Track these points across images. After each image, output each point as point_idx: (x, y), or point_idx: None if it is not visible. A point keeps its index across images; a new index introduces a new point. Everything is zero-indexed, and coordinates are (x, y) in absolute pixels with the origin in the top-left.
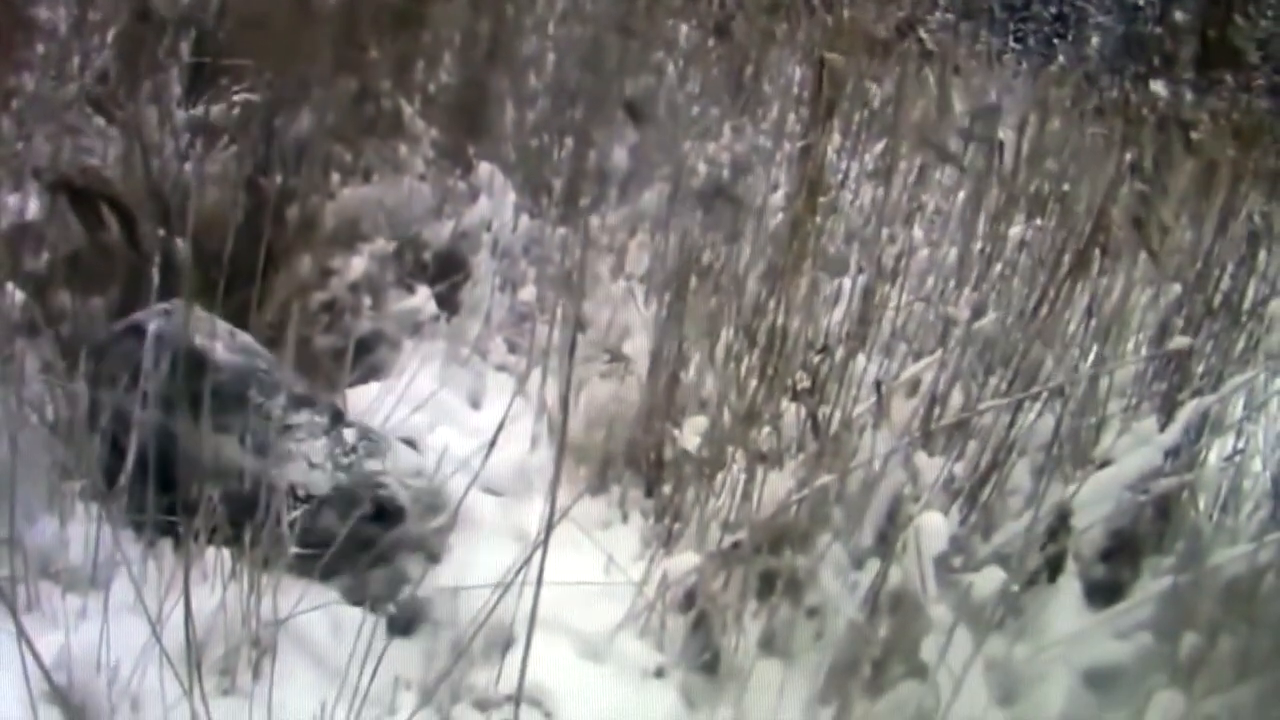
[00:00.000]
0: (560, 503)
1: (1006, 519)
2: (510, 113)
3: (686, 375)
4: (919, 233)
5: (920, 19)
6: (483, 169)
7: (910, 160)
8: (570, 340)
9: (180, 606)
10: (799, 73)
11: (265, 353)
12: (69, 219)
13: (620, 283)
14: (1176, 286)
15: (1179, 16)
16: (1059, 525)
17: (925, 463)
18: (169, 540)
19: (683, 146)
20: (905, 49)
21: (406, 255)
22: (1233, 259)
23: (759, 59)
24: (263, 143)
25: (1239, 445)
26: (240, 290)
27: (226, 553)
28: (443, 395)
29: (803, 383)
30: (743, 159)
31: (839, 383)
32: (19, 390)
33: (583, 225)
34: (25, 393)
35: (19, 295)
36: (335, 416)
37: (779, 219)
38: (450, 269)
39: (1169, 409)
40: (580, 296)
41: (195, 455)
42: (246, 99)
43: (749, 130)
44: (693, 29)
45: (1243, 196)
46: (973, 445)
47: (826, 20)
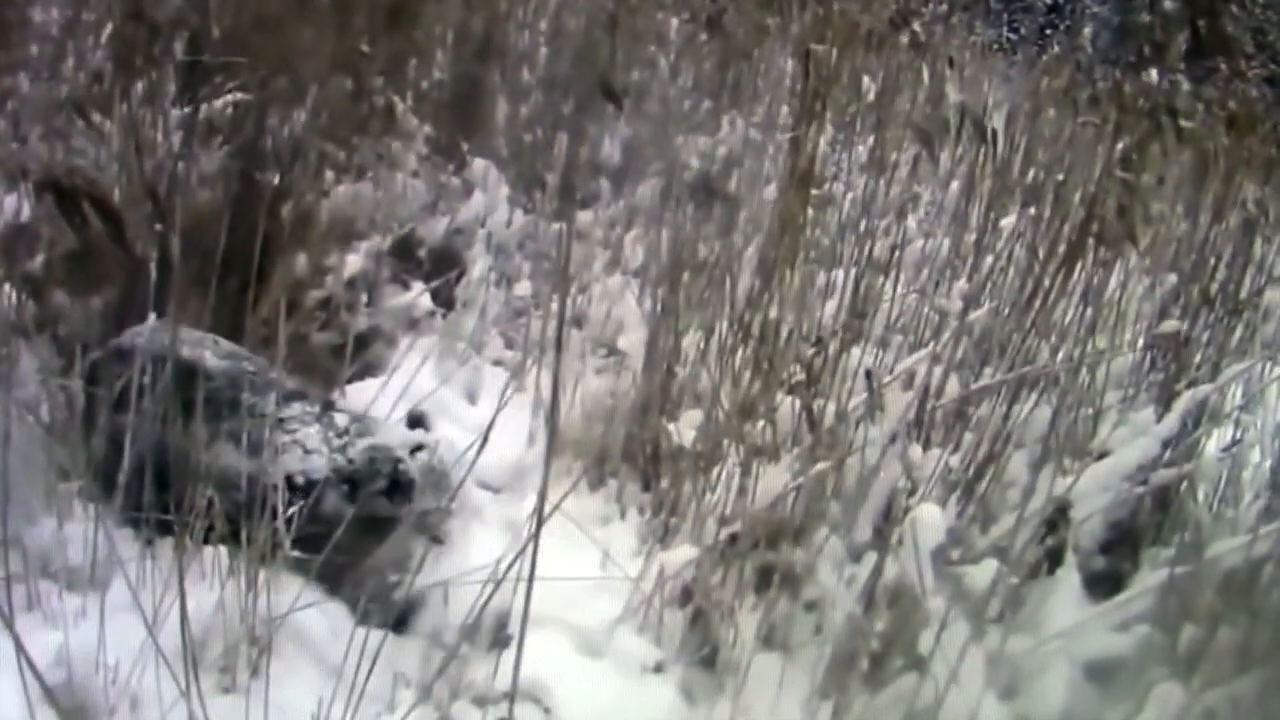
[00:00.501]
0: (555, 498)
1: (1004, 511)
2: (503, 108)
3: (682, 369)
4: (912, 224)
5: (914, 10)
6: (476, 165)
7: (903, 152)
8: (559, 334)
9: (178, 605)
10: (791, 66)
11: (252, 355)
12: (61, 219)
13: (615, 277)
14: (1172, 276)
15: (1172, 6)
16: (1057, 517)
17: (922, 455)
18: (167, 540)
19: (676, 140)
20: (898, 41)
21: (402, 252)
22: (1228, 248)
23: (751, 52)
24: (257, 141)
25: (1237, 435)
26: (235, 289)
27: (224, 550)
28: (439, 391)
29: (797, 376)
30: (735, 152)
31: (833, 375)
32: (16, 391)
33: (571, 219)
34: (22, 393)
35: (16, 296)
36: (326, 405)
37: (772, 212)
38: (445, 265)
39: (1166, 400)
40: (567, 290)
41: (191, 462)
42: (240, 97)
43: (741, 124)
44: (684, 23)
45: (1238, 185)
46: (969, 437)
47: (819, 12)
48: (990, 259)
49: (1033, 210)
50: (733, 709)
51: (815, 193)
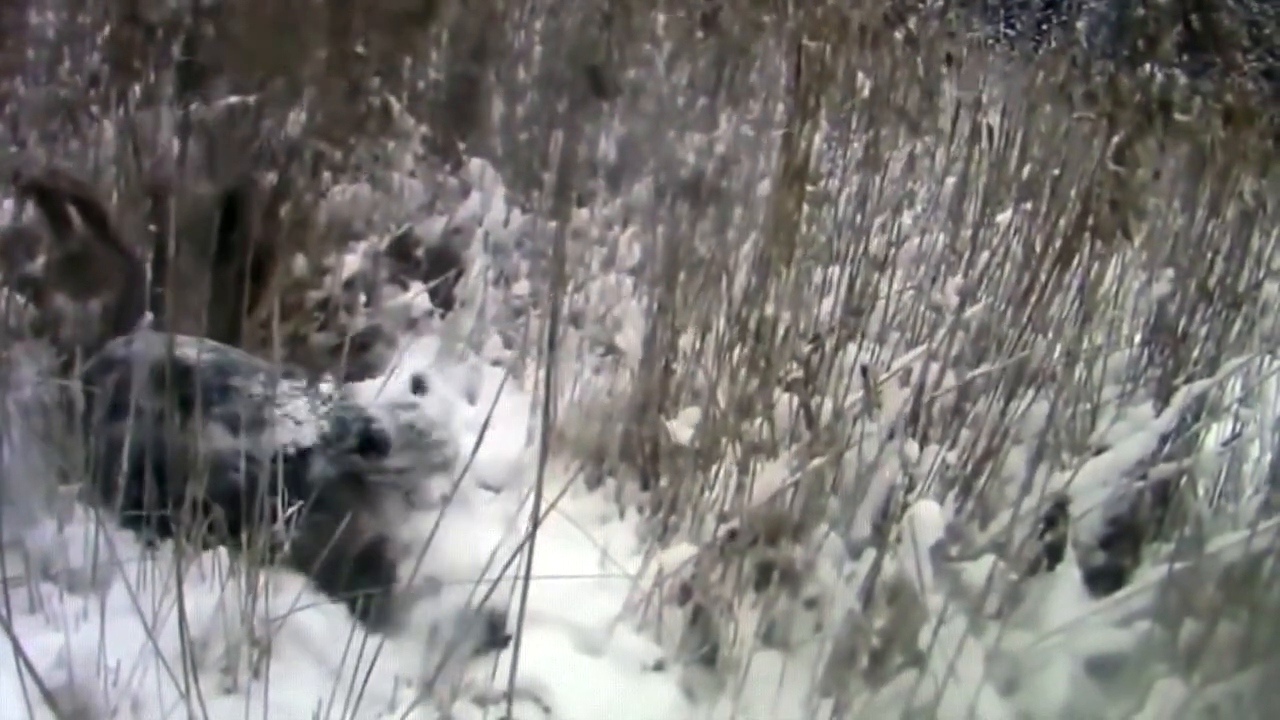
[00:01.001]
0: (552, 497)
1: (1003, 507)
2: (499, 108)
3: (679, 367)
4: (908, 220)
5: (910, 6)
6: (473, 164)
7: (899, 148)
8: (553, 332)
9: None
10: (786, 63)
11: (235, 349)
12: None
13: (612, 275)
14: (1169, 271)
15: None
16: (1057, 513)
17: (919, 451)
18: (168, 542)
19: (671, 138)
20: (893, 37)
21: (400, 252)
22: (1226, 242)
23: (746, 49)
24: (253, 142)
25: (1236, 430)
26: (233, 290)
27: (224, 551)
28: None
29: (795, 373)
30: (731, 149)
31: (830, 372)
32: (15, 393)
33: (567, 218)
34: (21, 396)
35: (16, 299)
36: (313, 379)
37: (767, 209)
38: (443, 265)
39: (1165, 394)
40: (563, 288)
41: (187, 451)
42: (237, 99)
43: (737, 121)
44: (680, 20)
45: (1235, 179)
46: (966, 434)
47: (815, 10)
48: (986, 255)
49: (1029, 205)
50: (733, 707)
51: (810, 189)
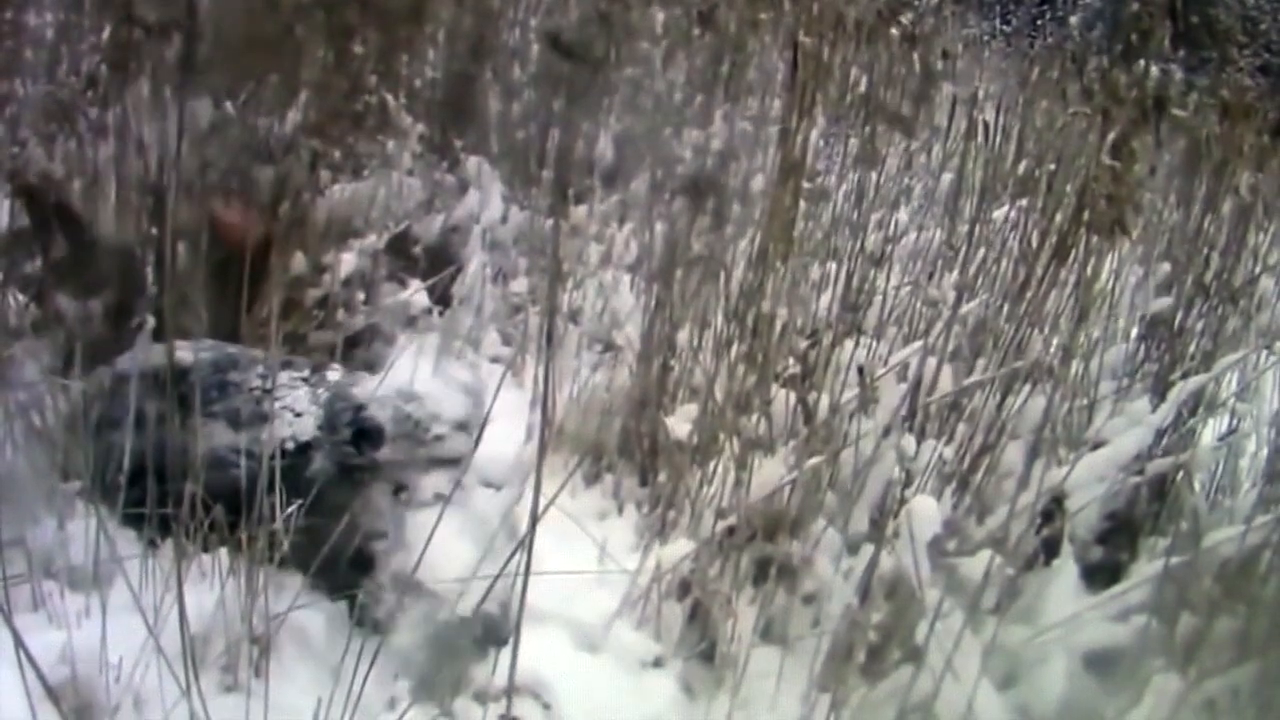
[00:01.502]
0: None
1: (1000, 502)
2: (496, 106)
3: (677, 363)
4: (905, 216)
5: (906, 3)
6: (470, 162)
7: (896, 145)
8: (550, 329)
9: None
10: (783, 59)
11: (233, 345)
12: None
13: (610, 272)
14: (1166, 265)
15: None
16: (1054, 508)
17: (916, 447)
18: (169, 540)
19: (668, 135)
20: (890, 34)
21: (398, 250)
22: (1222, 237)
23: (743, 46)
24: (252, 141)
25: (1233, 424)
26: (232, 288)
27: (224, 550)
28: (436, 387)
29: (792, 369)
30: (728, 146)
31: (828, 368)
32: (17, 392)
33: (563, 214)
34: (23, 394)
35: (17, 298)
36: (315, 368)
37: (765, 205)
38: (442, 262)
39: (1161, 389)
40: (559, 285)
41: (186, 451)
42: (234, 99)
43: (734, 117)
44: (677, 18)
45: (1231, 173)
46: (963, 428)
47: (811, 7)
48: (982, 250)
49: (1024, 202)
50: (731, 703)
51: (807, 186)
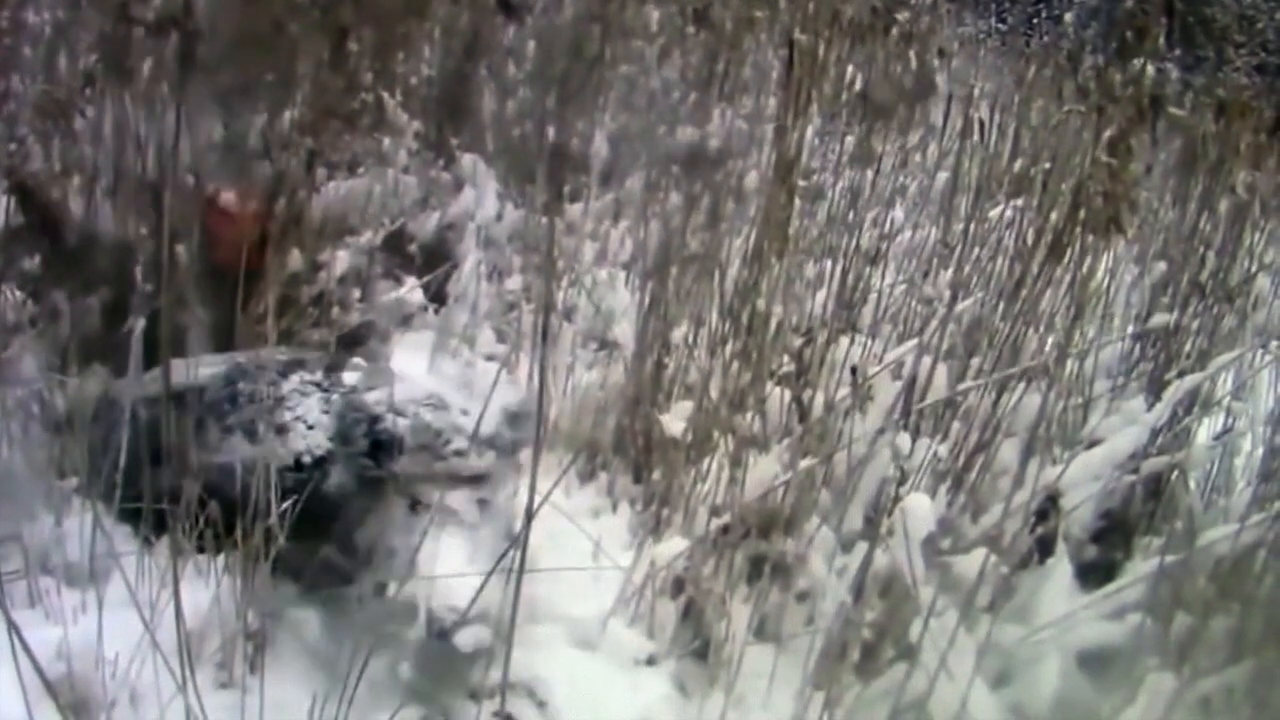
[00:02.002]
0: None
1: (994, 501)
2: (491, 104)
3: (671, 361)
4: (900, 214)
5: (902, 1)
6: (466, 160)
7: (891, 143)
8: (544, 326)
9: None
10: (778, 57)
11: (240, 354)
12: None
13: (605, 269)
14: (1161, 265)
15: None
16: (1048, 506)
17: (911, 445)
18: (165, 538)
19: (664, 133)
20: (886, 32)
21: (393, 247)
22: (1218, 236)
23: (739, 44)
24: (248, 137)
25: (1228, 424)
26: (229, 285)
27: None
28: (431, 384)
29: (786, 366)
30: (723, 144)
31: (822, 366)
32: (15, 389)
33: (558, 211)
34: (21, 391)
35: (14, 295)
36: (330, 367)
37: (760, 203)
38: (437, 260)
39: (1156, 388)
40: (556, 282)
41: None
42: (233, 96)
43: (730, 115)
44: (672, 15)
45: (1228, 172)
46: (958, 427)
47: (807, 4)
48: (978, 249)
49: (1020, 201)
50: (725, 701)
51: (803, 184)
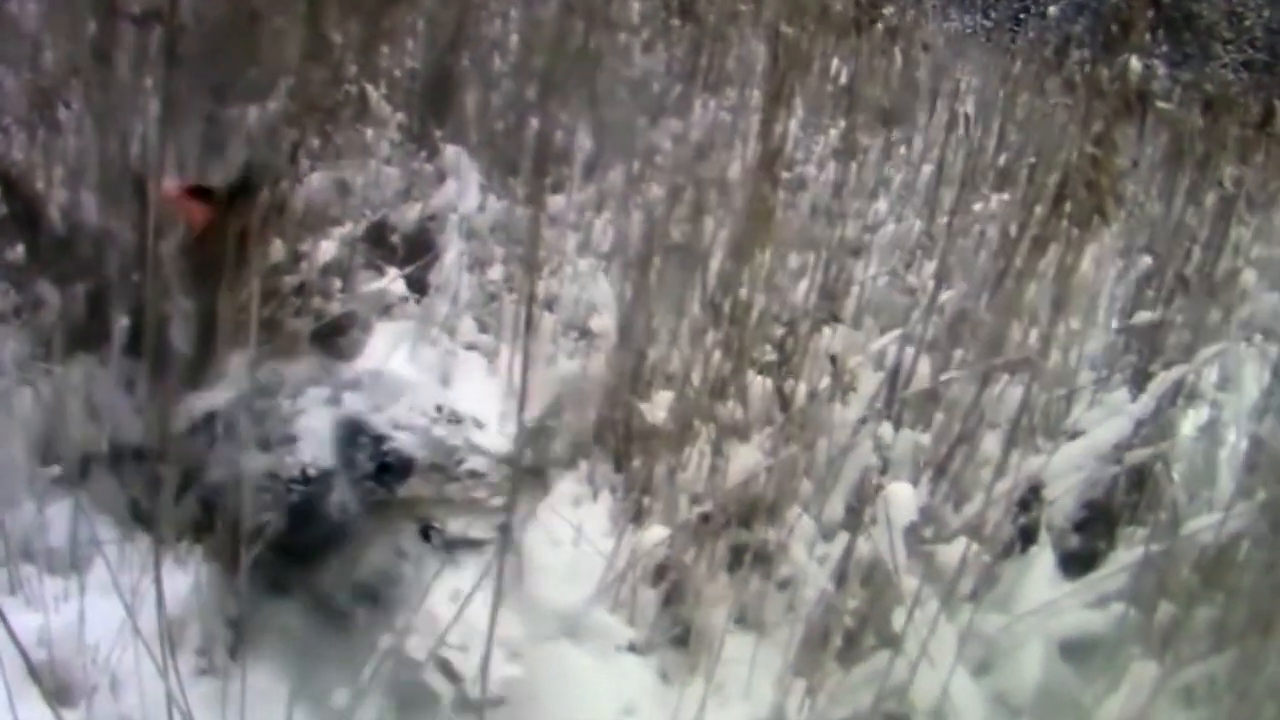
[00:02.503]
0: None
1: (977, 491)
2: (475, 96)
3: (653, 350)
4: (884, 206)
5: None
6: (449, 152)
7: (875, 136)
8: (529, 315)
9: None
10: (763, 50)
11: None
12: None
13: (588, 260)
14: (1147, 258)
15: None
16: (1031, 496)
17: (894, 434)
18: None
19: (647, 125)
20: (871, 26)
21: (376, 238)
22: (1204, 230)
23: (723, 36)
24: (233, 129)
25: (1213, 415)
26: (211, 275)
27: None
28: (412, 373)
29: (769, 356)
30: (707, 136)
31: (805, 356)
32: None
33: (541, 202)
34: (3, 381)
35: None
36: (341, 385)
37: (743, 194)
38: (419, 251)
39: (1141, 381)
40: (538, 272)
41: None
42: (217, 88)
43: (714, 107)
44: (656, 9)
45: (1214, 166)
46: (941, 417)
47: None
48: (962, 240)
49: (1005, 195)
50: (706, 688)
51: (786, 175)
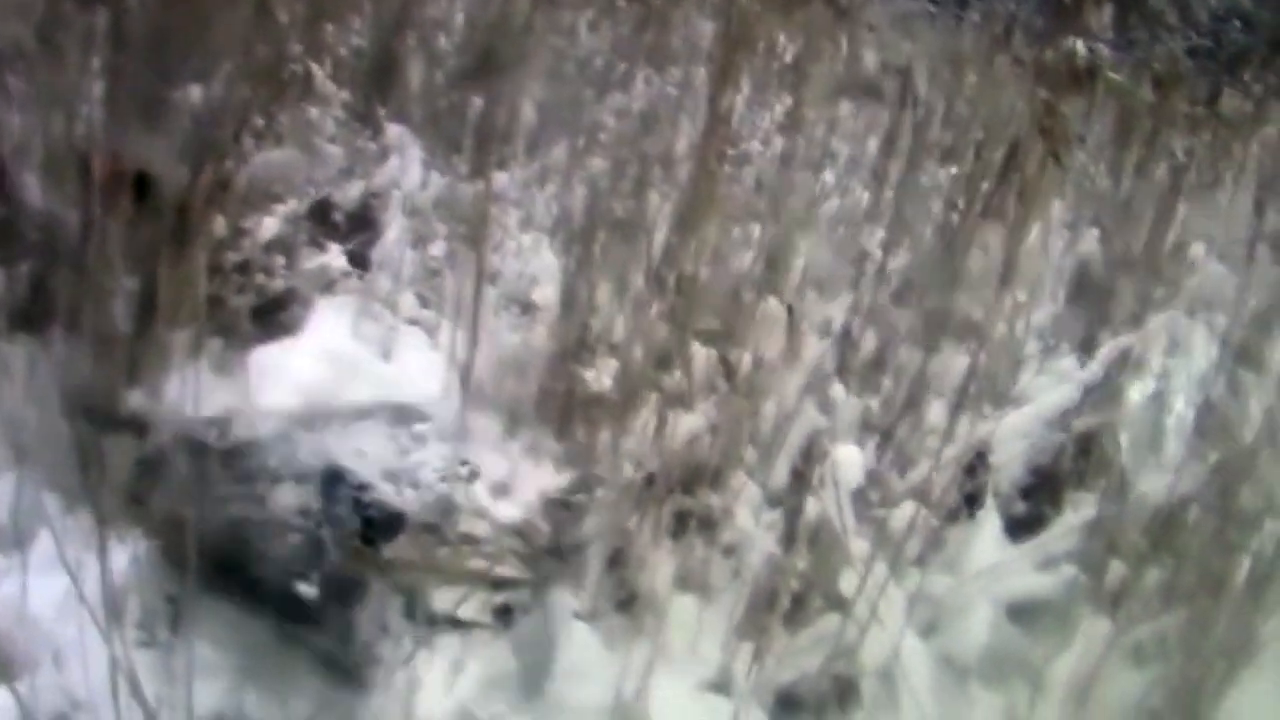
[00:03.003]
0: (471, 453)
1: (923, 457)
2: (419, 74)
3: (596, 321)
4: (830, 179)
5: None
6: (392, 130)
7: (821, 111)
8: (477, 290)
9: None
10: (709, 28)
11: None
12: None
13: (530, 235)
14: (1095, 231)
15: None
16: (978, 462)
17: (840, 401)
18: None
19: (592, 101)
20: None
21: (318, 216)
22: (1151, 204)
23: (669, 14)
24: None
25: (1160, 385)
26: (155, 252)
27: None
28: (354, 350)
29: (713, 325)
30: (652, 111)
31: (750, 325)
32: None
33: (484, 179)
34: None
35: None
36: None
37: (689, 168)
38: (361, 227)
39: (1088, 349)
40: (482, 247)
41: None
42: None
43: (659, 83)
44: None
45: (1163, 142)
46: (888, 384)
47: None
48: (909, 211)
49: (954, 168)
50: (652, 653)
51: (731, 150)
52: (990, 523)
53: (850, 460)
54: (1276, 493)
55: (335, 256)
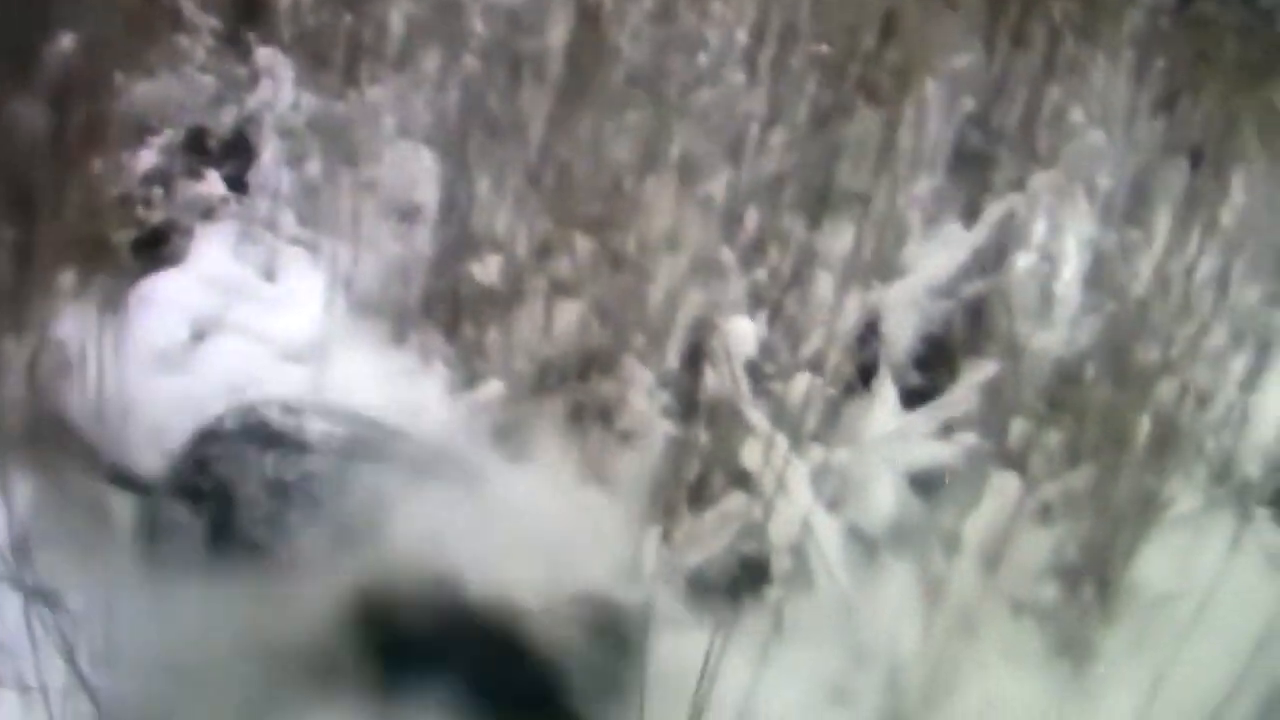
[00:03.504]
0: (359, 362)
1: (814, 330)
2: None
3: (477, 218)
4: (704, 61)
5: None
6: (262, 53)
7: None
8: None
9: None
10: None
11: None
12: None
13: (407, 143)
14: (970, 101)
15: None
16: (869, 333)
17: (729, 274)
18: None
19: (461, 5)
20: None
21: (194, 144)
22: (1029, 71)
23: None
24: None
25: (1046, 247)
26: (31, 193)
27: None
28: (237, 273)
29: (596, 211)
30: (523, 5)
31: (633, 210)
32: None
33: (355, 93)
34: None
35: None
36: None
37: (562, 63)
38: (237, 152)
39: (972, 214)
40: (357, 160)
41: None
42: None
43: None
44: None
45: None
46: (774, 256)
47: None
48: (785, 89)
49: (825, 47)
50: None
51: (605, 41)
52: (886, 394)
53: (742, 331)
54: (1170, 349)
55: (213, 183)
